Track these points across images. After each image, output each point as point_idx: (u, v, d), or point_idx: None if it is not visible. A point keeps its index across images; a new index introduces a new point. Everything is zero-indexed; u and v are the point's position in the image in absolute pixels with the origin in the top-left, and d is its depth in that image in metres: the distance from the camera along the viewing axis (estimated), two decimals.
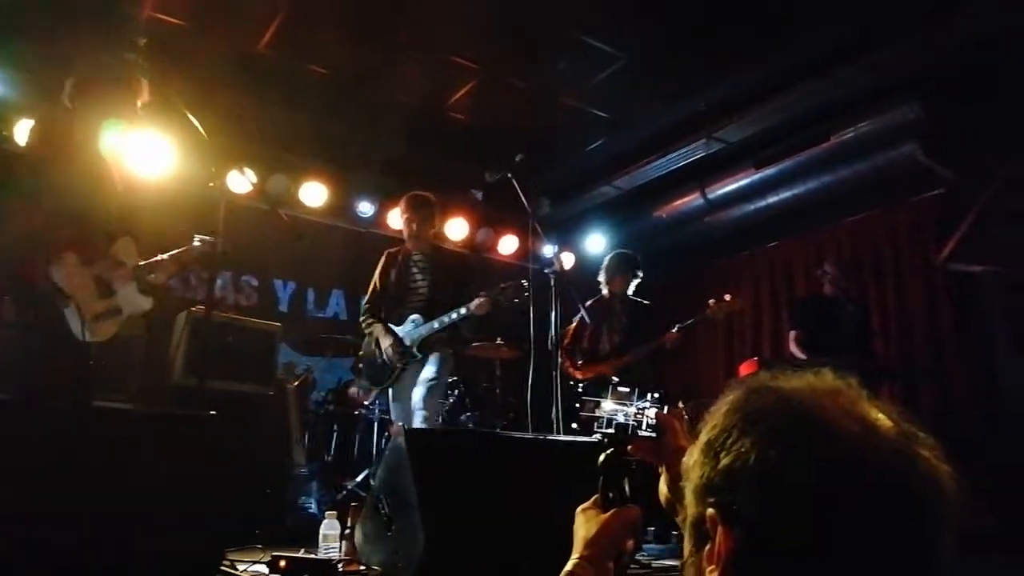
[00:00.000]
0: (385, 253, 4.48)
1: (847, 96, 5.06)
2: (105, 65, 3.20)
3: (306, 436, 4.64)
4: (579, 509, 1.19)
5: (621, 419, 1.21)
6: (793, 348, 5.01)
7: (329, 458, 4.84)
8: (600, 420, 1.21)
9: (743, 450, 0.71)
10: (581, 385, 3.34)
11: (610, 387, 1.22)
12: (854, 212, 6.03)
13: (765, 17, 4.52)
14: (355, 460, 4.82)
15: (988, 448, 4.34)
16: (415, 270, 4.34)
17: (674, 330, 4.59)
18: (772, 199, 6.13)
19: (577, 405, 1.19)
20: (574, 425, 1.08)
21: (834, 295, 4.98)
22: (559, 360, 4.82)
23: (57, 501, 2.12)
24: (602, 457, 1.20)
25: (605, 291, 4.98)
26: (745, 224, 6.50)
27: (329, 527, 2.69)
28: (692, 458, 0.79)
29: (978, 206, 4.68)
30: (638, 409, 1.21)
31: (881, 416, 0.72)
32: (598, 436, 1.25)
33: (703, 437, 0.78)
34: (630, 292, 4.92)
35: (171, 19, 4.60)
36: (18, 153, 2.99)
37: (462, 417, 4.94)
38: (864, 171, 5.49)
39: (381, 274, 4.39)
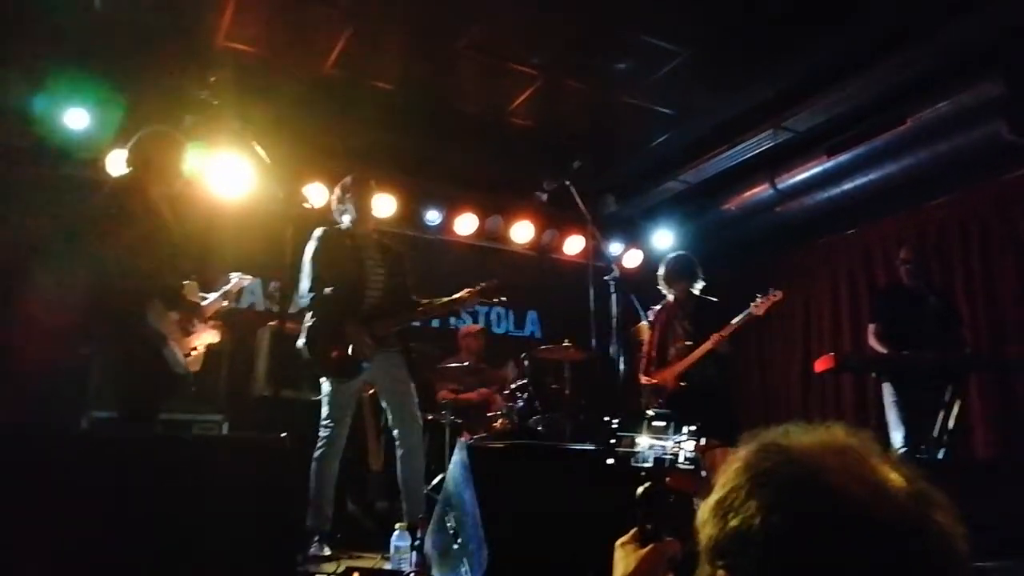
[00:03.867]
0: (325, 232, 3.92)
1: (922, 76, 4.82)
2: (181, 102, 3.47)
3: (382, 441, 4.79)
4: (618, 543, 1.20)
5: (658, 453, 1.23)
6: (872, 342, 4.84)
7: None
8: (637, 455, 1.24)
9: (749, 513, 0.71)
10: (615, 422, 3.31)
11: (645, 422, 1.24)
12: (936, 195, 5.75)
13: None
14: (429, 465, 4.95)
15: None
16: (367, 258, 3.93)
17: (718, 334, 4.43)
18: (847, 186, 5.90)
19: (612, 441, 1.22)
20: (610, 461, 1.10)
21: (914, 285, 4.79)
22: (640, 365, 4.84)
23: (135, 520, 2.28)
24: (640, 490, 1.22)
25: (669, 297, 4.84)
26: (819, 213, 6.28)
27: (400, 538, 2.80)
28: (703, 515, 0.78)
29: None
30: (675, 442, 1.23)
31: (892, 476, 0.70)
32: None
33: (714, 495, 0.77)
34: (696, 293, 4.81)
35: (243, 47, 4.82)
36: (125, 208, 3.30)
37: (532, 420, 4.99)
38: (945, 152, 5.22)
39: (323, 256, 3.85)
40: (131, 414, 3.31)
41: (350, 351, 3.70)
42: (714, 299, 4.79)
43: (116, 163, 4.97)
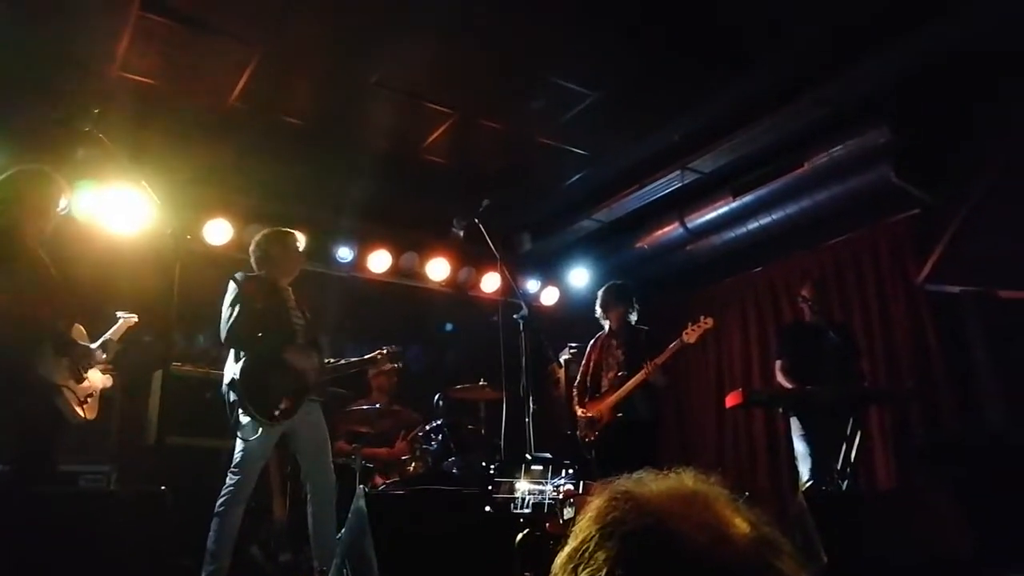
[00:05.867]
0: (247, 276, 3.91)
1: (818, 122, 5.08)
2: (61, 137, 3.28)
3: (288, 488, 4.57)
4: None
5: (537, 498, 1.17)
6: (779, 377, 4.98)
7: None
8: (516, 500, 1.18)
9: (596, 566, 0.69)
10: (493, 467, 3.35)
11: (523, 467, 1.19)
12: (835, 235, 6.04)
13: (729, 48, 4.55)
14: (339, 512, 4.75)
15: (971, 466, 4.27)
16: (290, 307, 3.96)
17: (652, 362, 4.54)
18: (752, 225, 6.14)
19: (490, 487, 1.16)
20: (488, 508, 1.04)
21: (815, 321, 4.96)
22: (572, 395, 4.83)
23: None
24: (519, 537, 1.17)
25: (605, 326, 4.96)
26: (727, 251, 6.51)
27: None
28: (555, 568, 0.76)
29: (952, 226, 4.67)
30: (554, 487, 1.18)
31: (737, 522, 0.71)
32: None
33: (568, 545, 0.75)
34: (632, 321, 4.90)
35: (140, 78, 4.64)
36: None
37: (447, 462, 4.84)
38: (841, 194, 5.50)
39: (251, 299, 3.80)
40: (25, 468, 3.12)
41: (295, 382, 3.70)
42: (646, 328, 4.86)
43: None
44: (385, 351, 4.14)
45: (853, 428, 4.49)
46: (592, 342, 5.04)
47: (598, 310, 4.98)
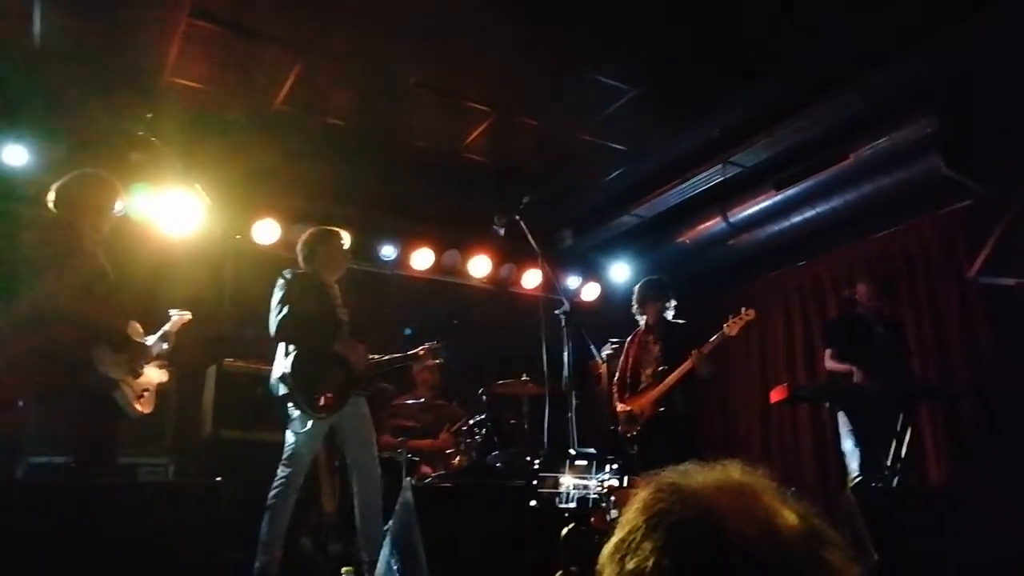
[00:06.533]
0: (295, 274, 3.99)
1: (862, 113, 4.97)
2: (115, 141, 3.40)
3: (336, 482, 4.68)
4: None
5: (582, 493, 1.20)
6: (829, 364, 4.93)
7: None
8: (561, 495, 1.21)
9: (644, 556, 0.70)
10: (536, 461, 3.37)
11: (567, 462, 1.22)
12: (882, 227, 5.90)
13: (770, 41, 4.50)
14: (385, 505, 4.83)
15: None
16: (336, 304, 4.05)
17: (698, 351, 4.51)
18: (796, 219, 6.05)
19: (535, 482, 1.19)
20: (533, 503, 1.07)
21: (864, 314, 4.87)
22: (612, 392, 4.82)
23: (74, 570, 2.20)
24: (564, 532, 1.20)
25: (641, 321, 4.95)
26: (771, 245, 6.41)
27: None
28: (603, 559, 0.77)
29: (1006, 217, 4.54)
30: (598, 481, 1.21)
31: (785, 514, 0.70)
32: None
33: (615, 535, 0.77)
34: (669, 317, 4.89)
35: (190, 83, 4.78)
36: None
37: (491, 455, 4.89)
38: (888, 186, 5.37)
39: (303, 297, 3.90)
40: (87, 462, 3.26)
41: (343, 376, 3.79)
42: (683, 322, 4.84)
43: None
44: (428, 347, 4.20)
45: (903, 424, 4.41)
46: (630, 338, 5.02)
47: (634, 306, 4.96)
